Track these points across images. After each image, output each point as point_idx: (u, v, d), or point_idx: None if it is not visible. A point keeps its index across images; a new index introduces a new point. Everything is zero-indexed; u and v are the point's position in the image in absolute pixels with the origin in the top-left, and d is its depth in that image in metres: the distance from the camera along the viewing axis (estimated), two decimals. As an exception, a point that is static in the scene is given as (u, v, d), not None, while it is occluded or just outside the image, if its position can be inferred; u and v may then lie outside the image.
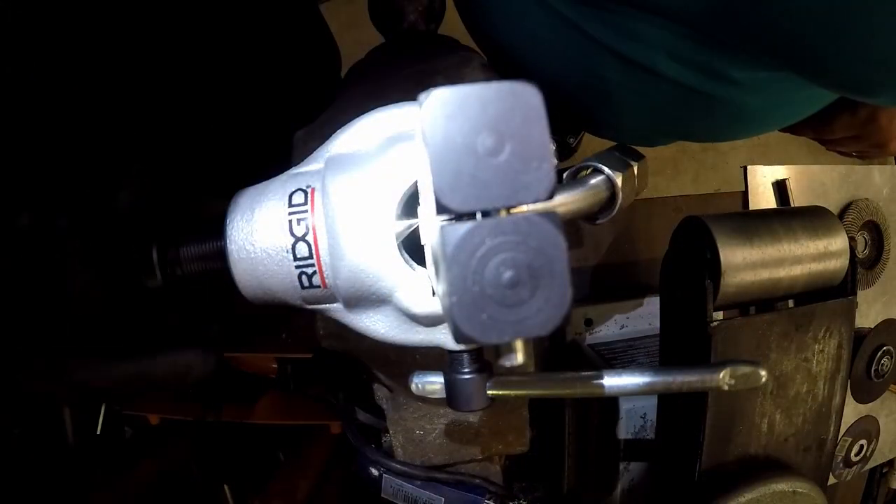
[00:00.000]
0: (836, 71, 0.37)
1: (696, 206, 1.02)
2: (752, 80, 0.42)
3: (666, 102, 0.47)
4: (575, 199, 0.32)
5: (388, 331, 0.32)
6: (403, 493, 0.58)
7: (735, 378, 0.28)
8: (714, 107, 0.46)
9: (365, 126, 0.31)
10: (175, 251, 0.33)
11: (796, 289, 0.54)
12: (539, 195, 0.18)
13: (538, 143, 0.18)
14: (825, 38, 0.33)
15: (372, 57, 0.55)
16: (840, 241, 0.53)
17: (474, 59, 0.50)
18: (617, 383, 0.30)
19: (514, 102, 0.18)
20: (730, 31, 0.37)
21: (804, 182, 1.04)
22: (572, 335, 0.83)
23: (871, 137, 0.56)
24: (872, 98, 0.41)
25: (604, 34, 0.43)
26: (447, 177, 0.18)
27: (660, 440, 0.62)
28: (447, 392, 0.31)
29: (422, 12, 0.57)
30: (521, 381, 0.31)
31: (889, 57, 0.34)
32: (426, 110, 0.18)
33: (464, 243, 0.17)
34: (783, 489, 0.51)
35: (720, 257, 0.49)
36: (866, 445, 1.05)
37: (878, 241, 1.06)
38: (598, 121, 0.58)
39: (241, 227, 0.30)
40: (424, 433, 0.53)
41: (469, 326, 0.18)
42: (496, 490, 0.56)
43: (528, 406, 0.52)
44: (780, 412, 0.53)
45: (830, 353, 0.54)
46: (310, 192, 0.30)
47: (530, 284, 0.18)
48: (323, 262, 0.30)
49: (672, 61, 0.42)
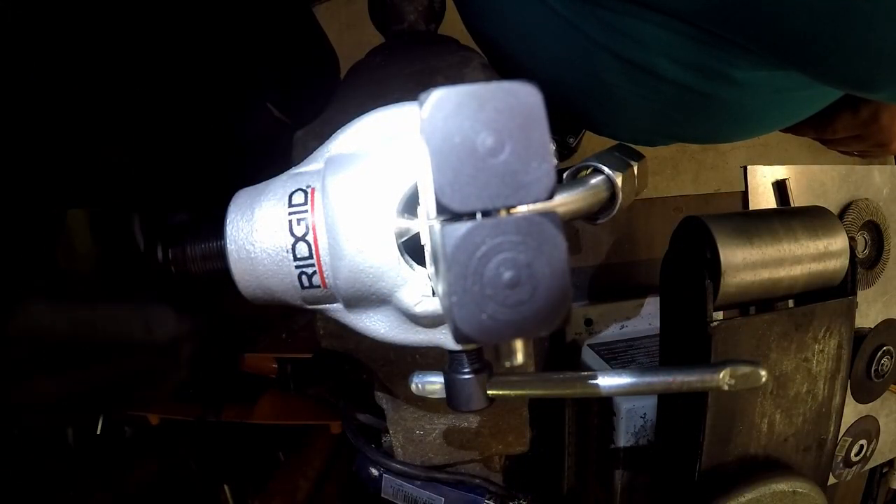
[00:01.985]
0: (837, 66, 0.36)
1: (696, 206, 1.02)
2: (751, 80, 0.42)
3: (666, 103, 0.47)
4: (575, 199, 0.32)
5: (388, 331, 0.32)
6: (403, 493, 0.58)
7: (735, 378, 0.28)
8: (714, 107, 0.46)
9: (365, 126, 0.31)
10: (181, 249, 0.33)
11: (796, 289, 0.54)
12: (539, 195, 0.18)
13: (538, 143, 0.18)
14: (826, 33, 0.33)
15: (372, 57, 0.55)
16: (840, 241, 0.53)
17: (474, 59, 0.50)
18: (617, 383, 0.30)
19: (514, 102, 0.18)
20: (730, 28, 0.37)
21: (804, 182, 1.04)
22: (572, 335, 0.83)
23: (873, 137, 0.56)
24: (875, 94, 0.40)
25: (603, 35, 0.43)
26: (447, 177, 0.18)
27: (660, 440, 0.62)
28: (447, 392, 0.31)
29: (422, 12, 0.57)
30: (521, 381, 0.31)
31: (891, 51, 0.34)
32: (426, 110, 0.18)
33: (464, 243, 0.17)
34: (783, 489, 0.51)
35: (720, 257, 0.49)
36: (866, 445, 1.05)
37: (878, 241, 1.06)
38: (597, 121, 0.58)
39: (241, 227, 0.30)
40: (424, 433, 0.53)
41: (469, 326, 0.18)
42: (496, 490, 0.56)
43: (528, 406, 0.52)
44: (780, 412, 0.53)
45: (830, 353, 0.54)
46: (310, 191, 0.30)
47: (530, 284, 0.18)
48: (323, 262, 0.30)
49: (671, 62, 0.42)
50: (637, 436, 0.65)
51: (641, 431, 0.65)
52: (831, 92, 0.48)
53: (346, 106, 0.46)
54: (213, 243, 0.32)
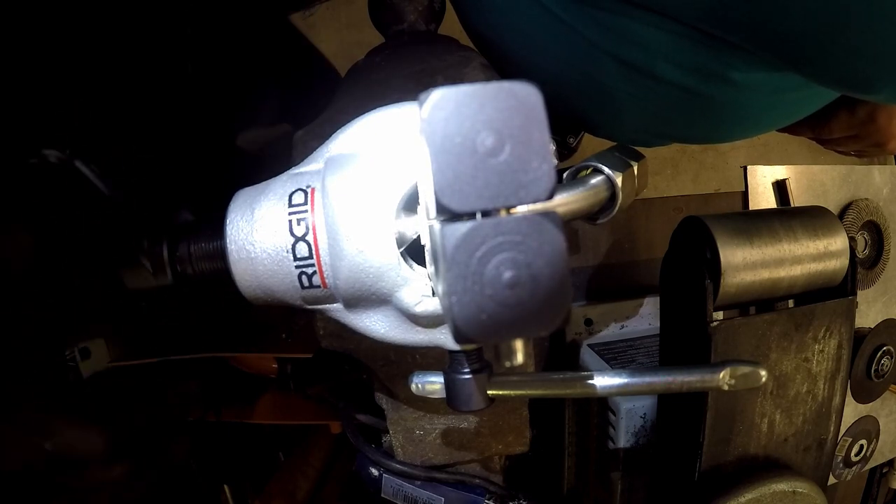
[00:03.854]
0: (835, 67, 0.36)
1: (696, 206, 1.02)
2: (749, 81, 0.42)
3: (664, 104, 0.47)
4: (575, 199, 0.32)
5: (388, 331, 0.32)
6: (403, 493, 0.58)
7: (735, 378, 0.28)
8: (712, 108, 0.46)
9: (365, 126, 0.31)
10: (186, 248, 0.33)
11: (796, 289, 0.54)
12: (539, 195, 0.18)
13: (538, 143, 0.18)
14: (824, 33, 0.33)
15: (372, 57, 0.55)
16: (840, 241, 0.53)
17: (474, 59, 0.50)
18: (617, 383, 0.30)
19: (514, 102, 0.18)
20: (728, 29, 0.37)
21: (804, 182, 1.04)
22: (572, 335, 0.83)
23: (870, 137, 0.56)
24: (873, 95, 0.40)
25: (600, 37, 0.43)
26: (447, 177, 0.18)
27: (660, 440, 0.62)
28: (447, 392, 0.31)
29: (422, 12, 0.57)
30: (521, 381, 0.31)
31: (889, 52, 0.34)
32: (426, 110, 0.18)
33: (464, 243, 0.17)
34: (783, 489, 0.51)
35: (720, 257, 0.49)
36: (866, 445, 1.05)
37: (878, 241, 1.06)
38: (595, 122, 0.58)
39: (240, 227, 0.30)
40: (424, 433, 0.53)
41: (469, 326, 0.18)
42: (496, 490, 0.56)
43: (528, 406, 0.52)
44: (780, 412, 0.53)
45: (830, 353, 0.54)
46: (310, 191, 0.30)
47: (530, 284, 0.18)
48: (323, 262, 0.30)
49: (669, 64, 0.42)
50: (637, 436, 0.65)
51: (641, 431, 0.65)
52: (829, 92, 0.48)
53: (346, 106, 0.46)
54: (213, 243, 0.32)
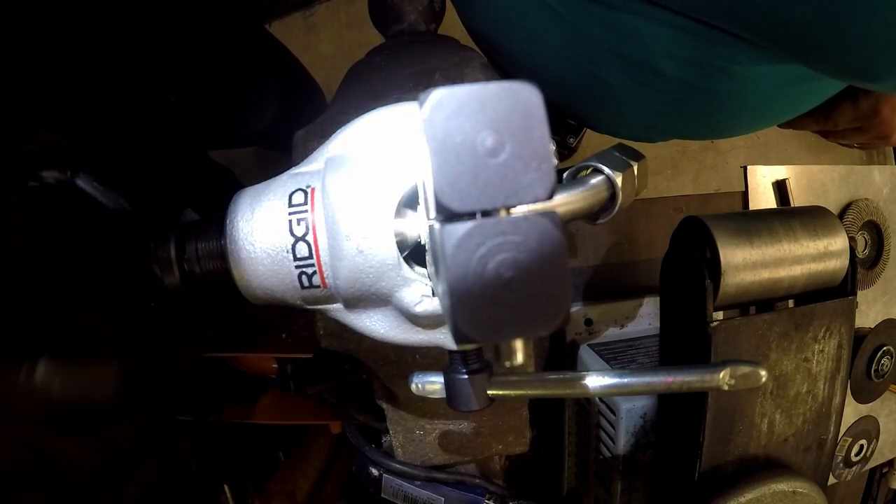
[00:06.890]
0: (839, 56, 0.36)
1: (696, 206, 1.02)
2: (752, 75, 0.42)
3: (666, 100, 0.47)
4: (575, 199, 0.32)
5: (388, 331, 0.32)
6: (403, 493, 0.58)
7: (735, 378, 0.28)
8: (714, 103, 0.46)
9: (365, 126, 0.31)
10: (193, 247, 0.33)
11: (796, 289, 0.54)
12: (539, 195, 0.18)
13: (538, 143, 0.18)
14: (828, 21, 0.33)
15: (372, 57, 0.55)
16: (840, 241, 0.53)
17: (474, 59, 0.50)
18: (617, 383, 0.30)
19: (514, 102, 0.18)
20: (731, 20, 0.36)
21: (804, 182, 1.04)
22: (572, 335, 0.83)
23: (874, 129, 0.56)
24: (877, 84, 0.40)
25: (601, 32, 0.43)
26: (447, 177, 0.18)
27: (660, 440, 0.62)
28: (447, 392, 0.31)
29: (422, 12, 0.57)
30: (521, 381, 0.31)
31: (893, 40, 0.33)
32: (426, 110, 0.18)
33: (464, 243, 0.17)
34: (783, 489, 0.51)
35: (720, 257, 0.49)
36: (866, 445, 1.05)
37: (878, 241, 1.06)
38: (596, 118, 0.57)
39: (240, 227, 0.30)
40: (424, 433, 0.53)
41: (469, 326, 0.18)
42: (496, 490, 0.56)
43: (528, 406, 0.52)
44: (780, 412, 0.53)
45: (830, 353, 0.54)
46: (310, 191, 0.30)
47: (530, 284, 0.17)
48: (323, 262, 0.30)
49: (671, 59, 0.42)
50: (637, 436, 0.65)
51: (641, 431, 0.65)
52: (832, 84, 0.48)
53: (346, 106, 0.46)
54: (214, 243, 0.32)
